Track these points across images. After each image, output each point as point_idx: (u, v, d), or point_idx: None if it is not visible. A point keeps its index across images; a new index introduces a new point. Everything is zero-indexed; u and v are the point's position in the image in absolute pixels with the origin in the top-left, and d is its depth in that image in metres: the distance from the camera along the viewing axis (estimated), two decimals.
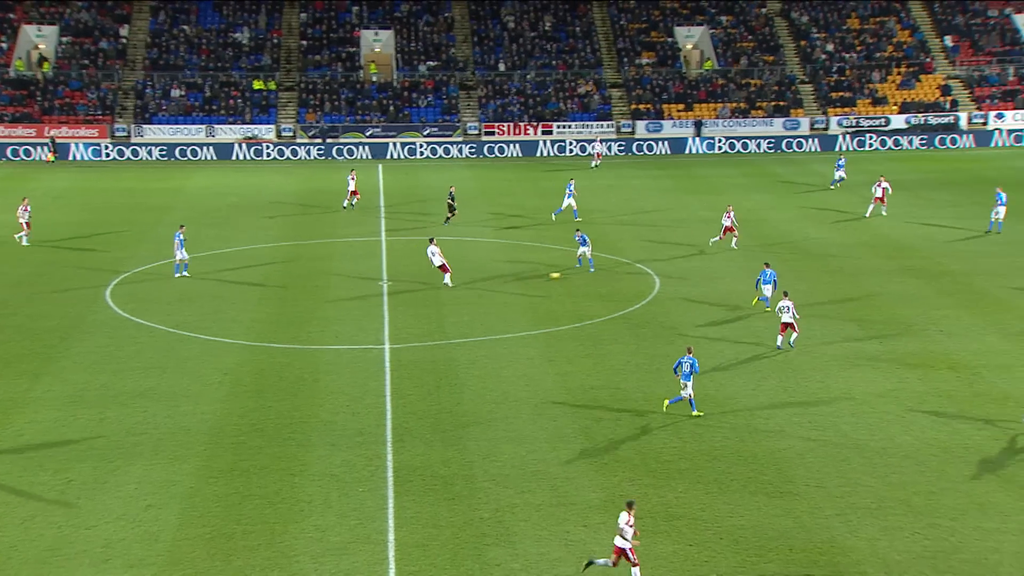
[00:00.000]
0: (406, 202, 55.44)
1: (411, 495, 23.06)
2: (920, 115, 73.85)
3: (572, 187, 49.90)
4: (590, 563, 19.85)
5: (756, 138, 72.25)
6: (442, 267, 38.96)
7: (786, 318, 31.28)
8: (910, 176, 60.27)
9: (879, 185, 50.06)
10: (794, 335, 31.75)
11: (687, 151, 71.97)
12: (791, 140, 71.94)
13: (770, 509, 22.46)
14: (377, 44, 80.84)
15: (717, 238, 43.77)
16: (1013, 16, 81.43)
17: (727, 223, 43.52)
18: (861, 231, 47.04)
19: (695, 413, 26.92)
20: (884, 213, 49.93)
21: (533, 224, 49.83)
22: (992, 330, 33.17)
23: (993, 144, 70.15)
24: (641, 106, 76.88)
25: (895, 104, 75.57)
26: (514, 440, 25.73)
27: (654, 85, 78.58)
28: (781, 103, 76.29)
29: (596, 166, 66.58)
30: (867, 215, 49.85)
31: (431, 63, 79.89)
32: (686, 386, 26.82)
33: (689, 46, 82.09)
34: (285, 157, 71.16)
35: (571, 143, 72.41)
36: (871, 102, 76.05)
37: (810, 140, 71.92)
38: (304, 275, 40.57)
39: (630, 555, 19.47)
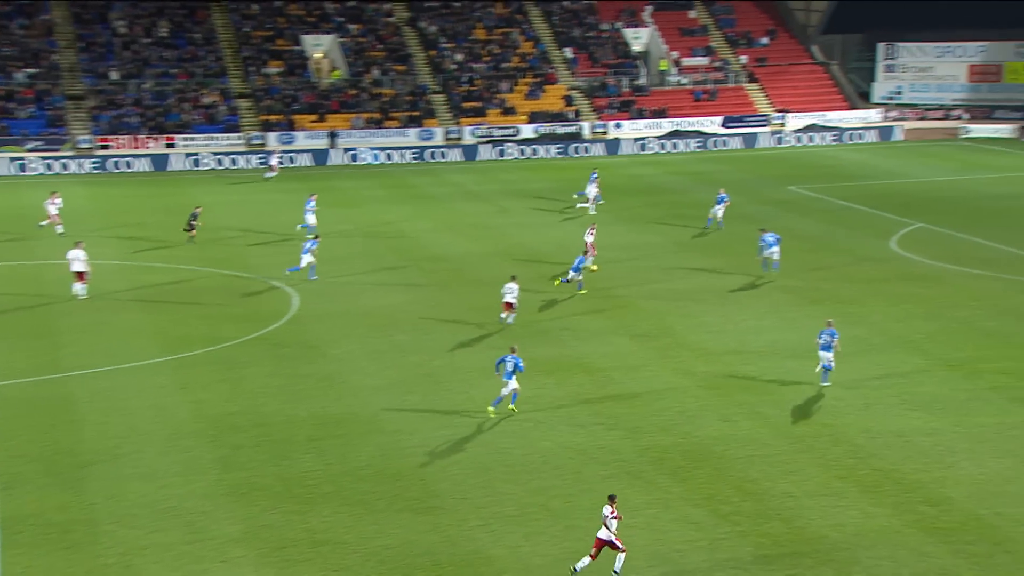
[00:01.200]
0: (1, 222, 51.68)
1: (21, 548, 21.48)
2: (547, 124, 78.11)
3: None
4: (574, 571, 20.69)
5: (392, 149, 73.45)
6: (80, 275, 36.68)
7: (509, 298, 35.26)
8: (543, 184, 63.56)
9: (591, 186, 54.23)
10: (512, 315, 35.40)
11: (328, 163, 71.94)
12: (433, 150, 73.69)
13: (416, 526, 22.87)
14: None
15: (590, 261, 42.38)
16: (624, 30, 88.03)
17: (590, 239, 42.32)
18: (498, 240, 49.04)
19: (511, 407, 28.26)
20: (593, 211, 53.42)
21: (161, 245, 47.93)
22: (621, 332, 35.59)
23: (621, 152, 75.42)
24: (271, 117, 76.04)
25: (524, 114, 79.49)
26: (143, 477, 24.62)
27: (284, 95, 77.99)
28: (415, 113, 78.11)
29: (269, 177, 65.03)
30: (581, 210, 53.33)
31: (30, 70, 74.83)
32: (507, 384, 27.95)
33: (318, 55, 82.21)
34: None
35: (205, 156, 70.31)
36: (501, 112, 79.53)
37: (450, 150, 74.06)
38: None
39: (617, 543, 20.70)
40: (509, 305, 35.52)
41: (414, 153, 73.44)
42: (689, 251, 43.01)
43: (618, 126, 79.38)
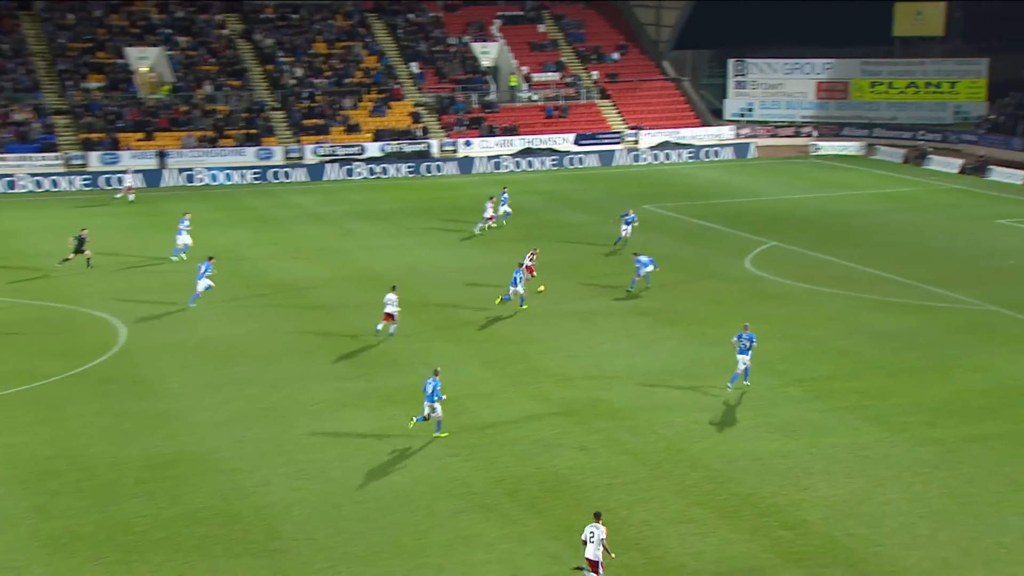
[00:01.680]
0: None
1: None
2: (394, 142, 77.93)
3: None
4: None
5: (231, 169, 72.10)
6: None
7: (389, 309, 36.44)
8: (391, 205, 63.32)
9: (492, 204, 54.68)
10: (393, 325, 36.67)
11: (160, 184, 70.11)
12: (276, 170, 72.56)
13: (258, 571, 22.37)
14: None
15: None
16: (472, 44, 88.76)
17: (528, 263, 42.52)
18: (345, 264, 48.59)
19: (437, 434, 28.85)
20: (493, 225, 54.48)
21: None
22: (474, 358, 35.65)
23: (475, 171, 75.75)
24: (93, 135, 73.75)
25: (369, 131, 79.14)
26: None
27: (106, 111, 75.78)
28: (252, 131, 76.91)
29: (126, 198, 62.86)
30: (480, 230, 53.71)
31: None
32: (434, 408, 28.75)
33: (144, 68, 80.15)
34: None
35: (22, 178, 67.70)
36: (345, 129, 79.00)
37: (293, 170, 73.05)
38: None
39: (601, 569, 21.54)
40: (389, 316, 36.61)
41: (255, 173, 72.27)
42: (545, 273, 43.40)
43: (468, 144, 79.80)
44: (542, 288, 41.86)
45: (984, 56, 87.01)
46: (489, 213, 55.26)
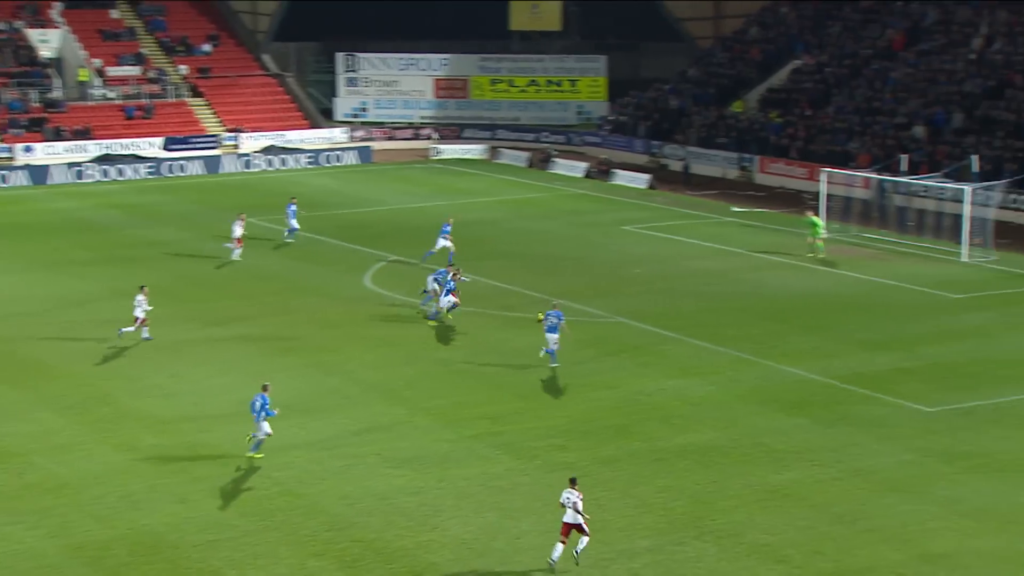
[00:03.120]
0: None
1: None
2: None
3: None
4: (551, 564, 24.41)
5: None
6: None
7: (138, 312, 38.70)
8: None
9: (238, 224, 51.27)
10: (145, 330, 38.99)
11: None
12: None
13: None
14: None
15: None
16: (27, 31, 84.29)
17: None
18: None
19: (253, 454, 29.80)
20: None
21: None
22: (44, 405, 33.96)
23: (51, 181, 71.76)
24: None
25: None
26: None
27: None
28: None
29: None
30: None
31: None
32: (260, 428, 29.47)
33: None
34: None
35: None
36: None
37: None
38: None
39: (585, 526, 24.69)
40: (137, 319, 38.56)
41: None
42: (130, 299, 41.87)
43: (28, 149, 75.65)
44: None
45: (602, 53, 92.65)
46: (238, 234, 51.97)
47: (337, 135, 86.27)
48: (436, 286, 42.56)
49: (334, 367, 37.52)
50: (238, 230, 51.43)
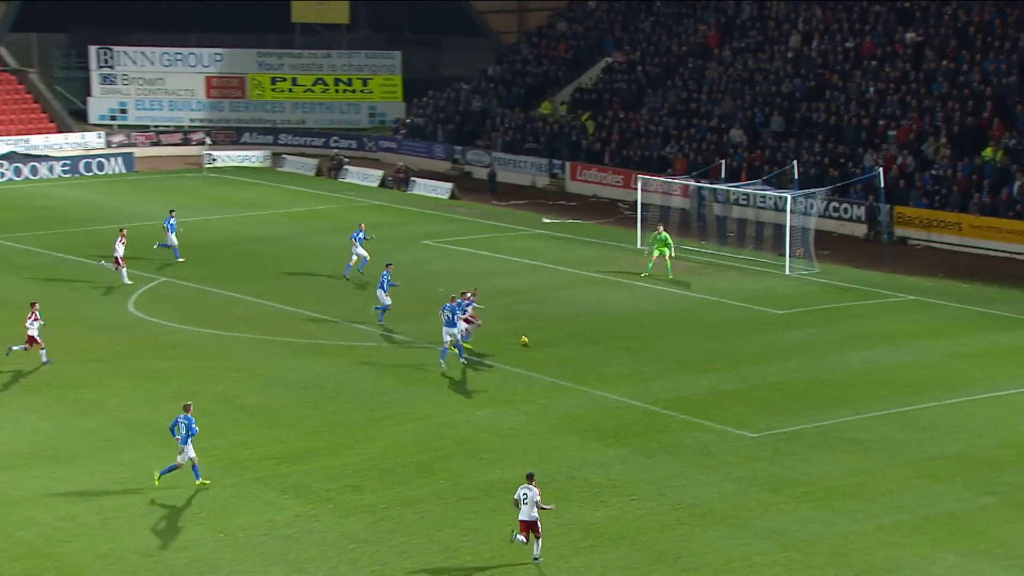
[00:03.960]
0: None
1: None
2: None
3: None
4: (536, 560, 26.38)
5: None
6: None
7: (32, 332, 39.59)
8: None
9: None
10: (43, 351, 39.64)
11: None
12: None
13: None
14: None
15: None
16: None
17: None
18: None
19: (199, 482, 30.35)
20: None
21: None
22: None
23: None
24: None
25: None
26: None
27: None
28: None
29: None
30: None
31: None
32: (183, 451, 30.27)
33: None
34: None
35: None
36: None
37: None
38: None
39: (538, 525, 26.40)
40: (32, 340, 39.32)
41: None
42: None
43: None
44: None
45: (396, 49, 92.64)
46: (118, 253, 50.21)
47: (91, 140, 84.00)
48: (448, 314, 40.87)
49: (93, 406, 36.53)
50: (120, 248, 50.29)
